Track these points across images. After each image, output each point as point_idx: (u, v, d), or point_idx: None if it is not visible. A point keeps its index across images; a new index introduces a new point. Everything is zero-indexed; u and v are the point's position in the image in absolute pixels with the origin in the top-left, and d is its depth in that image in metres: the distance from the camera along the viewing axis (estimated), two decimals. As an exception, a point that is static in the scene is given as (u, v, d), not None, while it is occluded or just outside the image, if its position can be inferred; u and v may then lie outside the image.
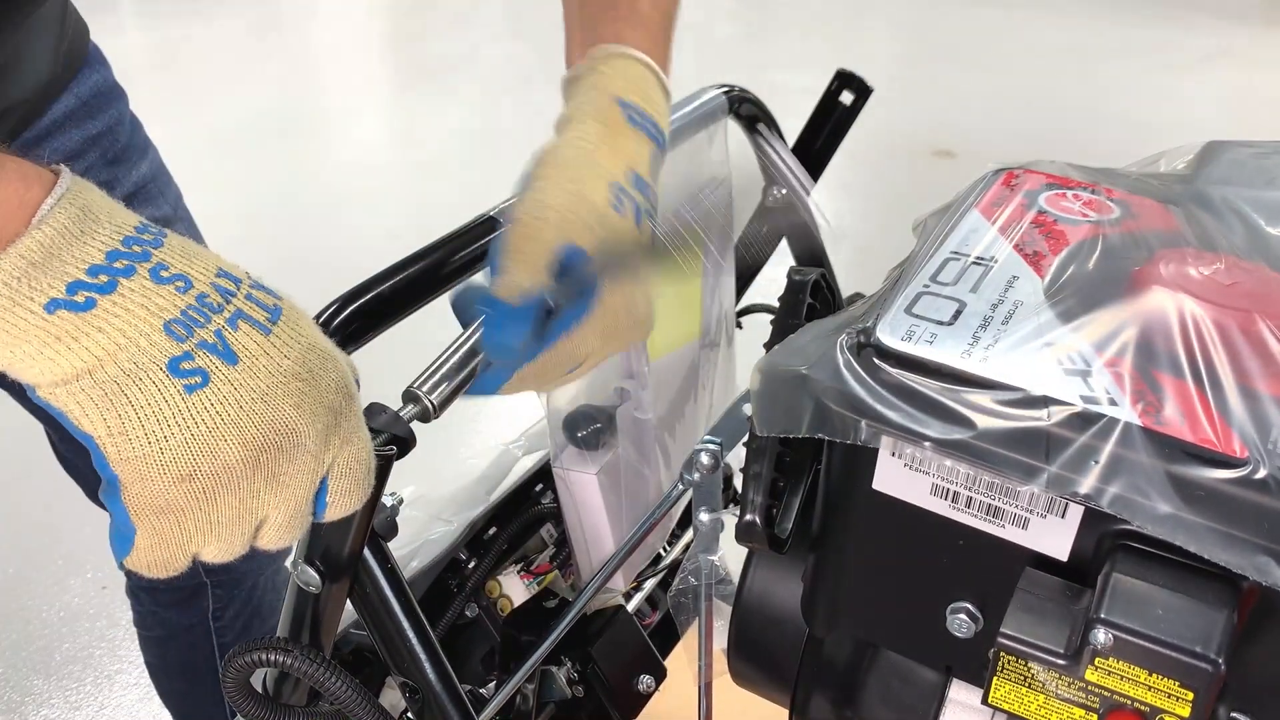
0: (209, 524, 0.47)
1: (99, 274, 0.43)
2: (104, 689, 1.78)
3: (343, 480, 0.50)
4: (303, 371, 0.47)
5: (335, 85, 4.49)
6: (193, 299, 0.45)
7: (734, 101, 0.94)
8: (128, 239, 0.45)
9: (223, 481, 0.45)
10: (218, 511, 0.47)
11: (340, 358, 0.50)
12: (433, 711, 0.66)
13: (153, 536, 0.47)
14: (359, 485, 0.51)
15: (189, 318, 0.44)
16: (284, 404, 0.46)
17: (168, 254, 0.45)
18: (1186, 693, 0.49)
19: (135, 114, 1.02)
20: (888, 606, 0.63)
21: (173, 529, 0.47)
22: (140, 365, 0.43)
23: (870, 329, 0.56)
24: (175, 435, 0.44)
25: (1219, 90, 4.36)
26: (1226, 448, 0.49)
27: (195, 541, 0.48)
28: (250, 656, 0.57)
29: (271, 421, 0.45)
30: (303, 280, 0.64)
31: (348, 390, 0.49)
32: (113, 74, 0.98)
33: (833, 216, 0.96)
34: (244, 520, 0.48)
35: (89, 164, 0.94)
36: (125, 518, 0.46)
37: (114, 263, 0.44)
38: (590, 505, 0.85)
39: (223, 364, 0.45)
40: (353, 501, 0.51)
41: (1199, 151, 0.73)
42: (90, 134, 0.94)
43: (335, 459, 0.49)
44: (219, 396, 0.44)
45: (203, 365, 0.44)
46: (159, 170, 1.04)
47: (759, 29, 5.26)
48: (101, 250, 0.44)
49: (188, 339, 0.44)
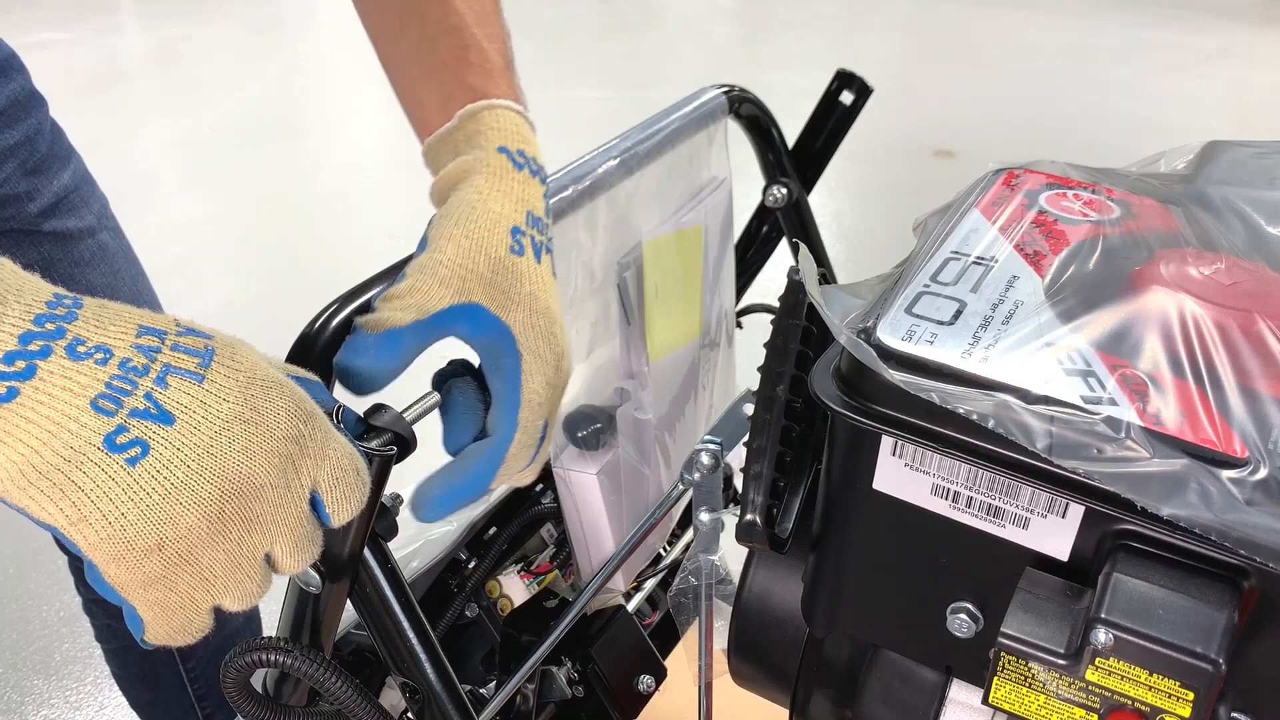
0: (204, 581, 0.47)
1: (15, 360, 0.42)
2: (104, 689, 1.78)
3: (333, 491, 0.50)
4: (246, 411, 0.46)
5: (335, 85, 4.49)
6: (115, 368, 0.44)
7: (734, 101, 0.94)
8: (39, 317, 0.43)
9: (194, 542, 0.45)
10: (206, 568, 0.46)
11: (287, 384, 0.48)
12: (433, 712, 0.66)
13: (153, 608, 0.47)
14: (352, 490, 0.51)
15: (115, 389, 0.44)
16: (231, 452, 0.45)
17: (83, 326, 0.44)
18: (1187, 693, 0.49)
19: (57, 121, 1.00)
20: (888, 606, 0.63)
21: (169, 596, 0.46)
22: (76, 449, 0.43)
23: (871, 329, 0.56)
24: (131, 510, 0.43)
25: (1219, 90, 4.36)
26: (1227, 448, 0.49)
27: (202, 599, 0.47)
28: (250, 657, 0.57)
29: (222, 473, 0.45)
30: (302, 280, 0.64)
31: (303, 411, 0.48)
32: (31, 81, 0.96)
33: (833, 216, 0.96)
34: (242, 564, 0.47)
35: (7, 175, 0.93)
36: (118, 597, 0.46)
37: (28, 345, 0.42)
38: (590, 505, 0.85)
39: (159, 427, 0.44)
40: (352, 505, 0.51)
41: (1199, 151, 0.73)
42: (7, 144, 0.93)
43: (316, 477, 0.49)
44: (163, 462, 0.44)
45: (139, 435, 0.44)
46: (82, 179, 1.02)
47: (759, 29, 5.26)
48: (14, 334, 0.42)
49: (118, 411, 0.43)
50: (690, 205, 0.90)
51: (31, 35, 4.66)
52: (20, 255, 0.95)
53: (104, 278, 1.02)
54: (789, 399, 0.65)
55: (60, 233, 0.98)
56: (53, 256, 0.98)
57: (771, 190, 1.00)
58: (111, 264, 1.03)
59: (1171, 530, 0.50)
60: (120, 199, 1.12)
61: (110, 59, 4.68)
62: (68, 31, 4.82)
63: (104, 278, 1.02)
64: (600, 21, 5.36)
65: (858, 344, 0.55)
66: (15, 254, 0.94)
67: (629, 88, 4.40)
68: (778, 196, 1.00)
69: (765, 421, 0.65)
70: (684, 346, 0.91)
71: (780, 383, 0.65)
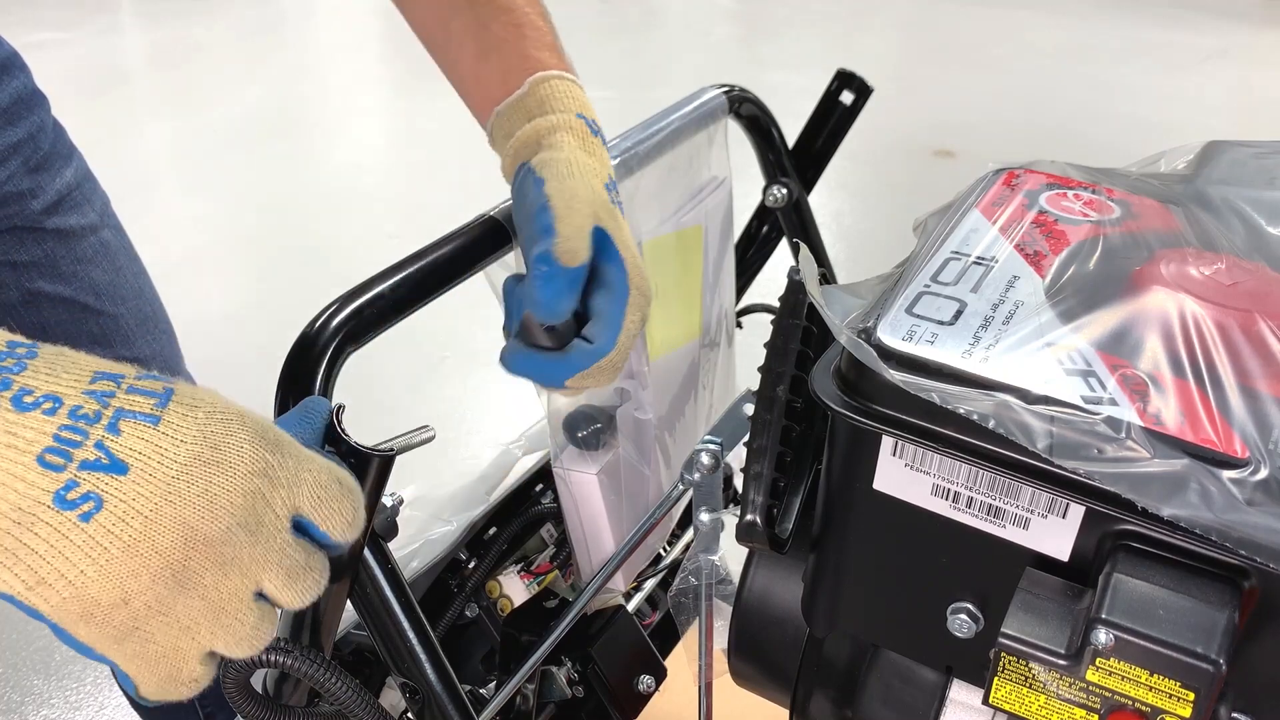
0: (185, 630, 0.45)
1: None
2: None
3: (319, 511, 0.48)
4: (205, 451, 0.44)
5: (335, 85, 4.49)
6: (65, 417, 0.42)
7: (734, 101, 0.94)
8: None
9: (162, 594, 0.43)
10: (184, 616, 0.45)
11: (249, 415, 0.47)
12: (433, 712, 0.66)
13: (134, 661, 0.45)
14: (341, 505, 0.49)
15: (64, 440, 0.42)
16: (191, 496, 0.43)
17: (32, 376, 0.42)
18: (1187, 693, 0.49)
19: (59, 120, 1.01)
20: (888, 606, 0.63)
21: (148, 648, 0.45)
22: (25, 509, 0.41)
23: (871, 329, 0.56)
24: (89, 569, 0.42)
25: (1219, 90, 4.36)
26: (1227, 448, 0.49)
27: (188, 648, 0.46)
28: (250, 657, 0.57)
29: (183, 521, 0.43)
30: (302, 280, 0.64)
31: (268, 441, 0.46)
32: (33, 80, 0.97)
33: (833, 216, 0.96)
34: (227, 608, 0.46)
35: (10, 172, 0.93)
36: (95, 654, 0.45)
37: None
38: (590, 505, 0.85)
39: (111, 478, 0.42)
40: (344, 520, 0.49)
41: (1199, 151, 0.73)
42: (10, 142, 0.93)
43: (296, 504, 0.47)
44: (118, 516, 0.42)
45: (90, 489, 0.42)
46: (85, 177, 1.03)
47: (759, 29, 5.26)
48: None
49: (67, 465, 0.41)
50: (690, 205, 0.90)
51: (32, 35, 4.66)
52: (23, 252, 0.95)
53: (106, 275, 1.03)
54: (789, 399, 0.65)
55: (63, 230, 0.98)
56: (55, 254, 0.98)
57: (771, 190, 1.00)
58: (114, 261, 1.04)
59: (1172, 530, 0.50)
60: (121, 199, 1.12)
61: (110, 59, 4.68)
62: (68, 31, 4.82)
63: (106, 275, 1.03)
64: (600, 21, 5.36)
65: (858, 344, 0.55)
66: (18, 251, 0.94)
67: (629, 88, 4.40)
68: (778, 196, 1.00)
69: (765, 421, 0.65)
70: (684, 346, 0.91)
71: (780, 383, 0.65)
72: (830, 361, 0.60)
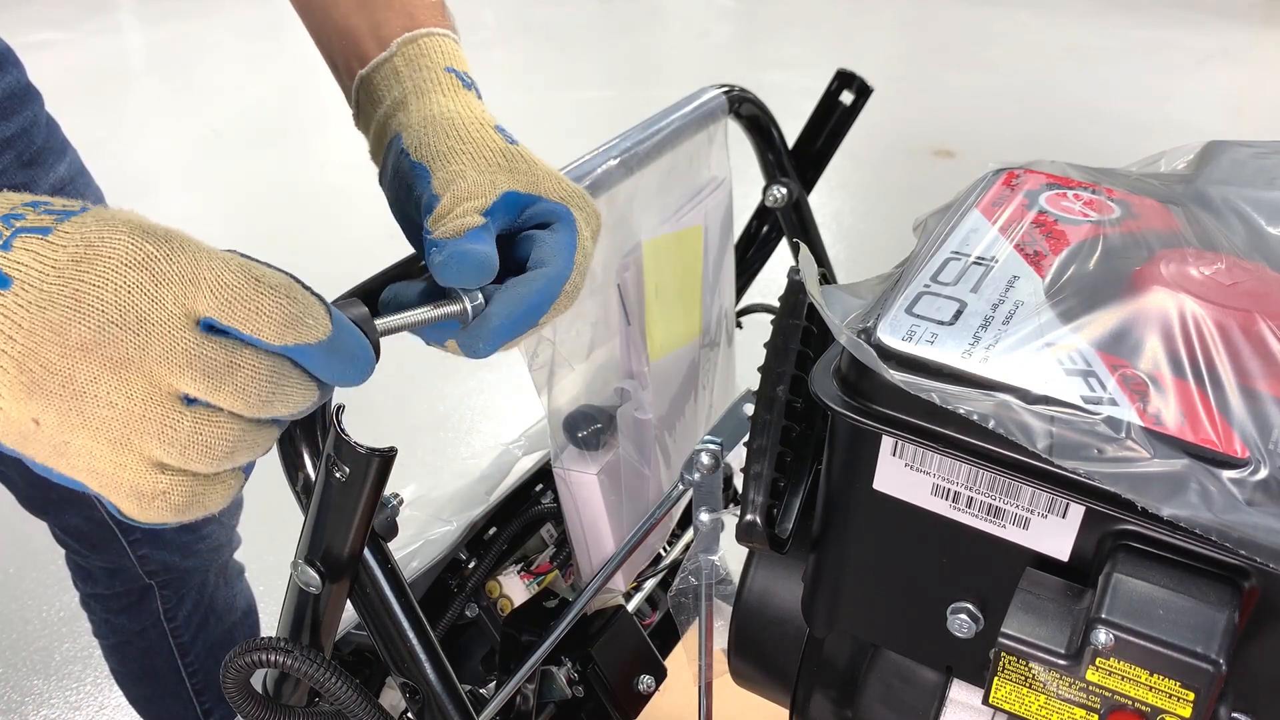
0: (115, 442, 0.44)
1: None
2: (104, 689, 1.78)
3: (229, 308, 0.44)
4: (80, 250, 0.43)
5: (335, 85, 4.48)
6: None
7: (734, 101, 0.94)
8: None
9: (67, 407, 0.43)
10: (106, 425, 0.43)
11: (135, 217, 0.45)
12: (433, 712, 0.66)
13: (91, 477, 0.44)
14: (258, 301, 0.45)
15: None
16: (61, 300, 0.42)
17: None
18: (1187, 693, 0.49)
19: (53, 116, 1.02)
20: (888, 606, 0.63)
21: (92, 463, 0.44)
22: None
23: (871, 329, 0.56)
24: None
25: (1219, 90, 4.36)
26: (1227, 448, 0.49)
27: (130, 460, 0.44)
28: (250, 657, 0.57)
29: (55, 326, 0.42)
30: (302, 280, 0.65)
31: (155, 234, 0.44)
32: (26, 75, 0.97)
33: (833, 216, 0.96)
34: (147, 412, 0.44)
35: (4, 167, 0.93)
36: (58, 476, 0.45)
37: None
38: (590, 505, 0.85)
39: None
40: (266, 317, 0.45)
41: (1199, 151, 0.73)
42: (3, 137, 0.93)
43: (194, 299, 0.44)
44: (6, 332, 0.42)
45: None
46: (78, 172, 1.03)
47: (759, 29, 5.26)
48: None
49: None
50: (690, 205, 0.90)
51: (32, 35, 4.66)
52: None
53: None
54: (789, 399, 0.65)
55: None
56: None
57: (771, 190, 1.00)
58: None
59: (1172, 530, 0.50)
60: (120, 199, 1.11)
61: (110, 59, 4.68)
62: (68, 31, 4.82)
63: None
64: (600, 21, 5.36)
65: (858, 344, 0.55)
66: None
67: (629, 88, 4.40)
68: (778, 196, 1.00)
69: (765, 421, 0.65)
70: (684, 346, 0.91)
71: (780, 383, 0.65)
72: (830, 361, 0.60)
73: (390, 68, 0.67)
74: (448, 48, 0.67)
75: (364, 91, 0.68)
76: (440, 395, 2.46)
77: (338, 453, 0.54)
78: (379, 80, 0.67)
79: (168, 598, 1.25)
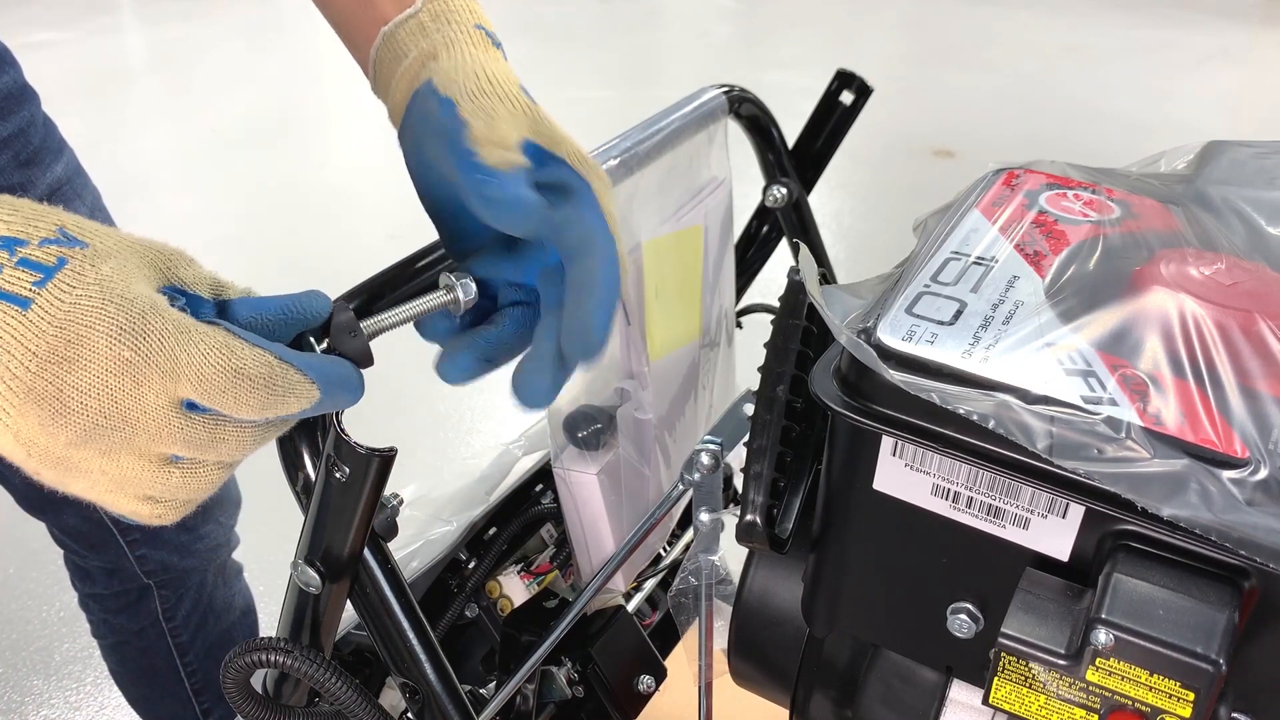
0: (110, 489, 0.47)
1: None
2: (104, 689, 1.78)
3: (210, 396, 0.45)
4: (60, 347, 0.43)
5: (335, 85, 4.49)
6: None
7: (734, 101, 0.94)
8: None
9: (62, 476, 0.46)
10: (102, 482, 0.46)
11: (126, 299, 0.44)
12: (433, 712, 0.66)
13: (93, 495, 0.47)
14: (234, 390, 0.45)
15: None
16: (47, 399, 0.43)
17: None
18: (1187, 693, 0.49)
19: (50, 116, 1.02)
20: (888, 606, 0.63)
21: (93, 492, 0.47)
22: None
23: (871, 329, 0.56)
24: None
25: (1219, 90, 4.36)
26: (1227, 448, 0.49)
27: (124, 500, 0.47)
28: (250, 657, 0.57)
29: (45, 423, 0.43)
30: (302, 280, 0.65)
31: (133, 330, 0.44)
32: (23, 75, 0.97)
33: (833, 216, 0.96)
34: (138, 477, 0.46)
35: (1, 166, 0.93)
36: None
37: None
38: (590, 505, 0.85)
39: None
40: (242, 403, 0.46)
41: (1199, 151, 0.73)
42: (1, 136, 0.93)
43: (178, 389, 0.45)
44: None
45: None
46: (75, 171, 1.03)
47: (759, 29, 5.26)
48: None
49: None
50: (690, 205, 0.90)
51: (31, 35, 4.66)
52: None
53: None
54: (789, 399, 0.65)
55: None
56: None
57: (771, 190, 1.00)
58: None
59: (1172, 530, 0.50)
60: (120, 199, 1.12)
61: (110, 59, 4.68)
62: (68, 31, 4.82)
63: None
64: (600, 21, 5.36)
65: (858, 344, 0.55)
66: None
67: (629, 88, 4.40)
68: (778, 196, 1.00)
69: (765, 421, 0.65)
70: (684, 346, 0.91)
71: (780, 383, 0.65)
72: (830, 361, 0.60)
73: (416, 23, 0.66)
74: (473, 5, 0.67)
75: (386, 48, 0.67)
76: (440, 395, 2.46)
77: (338, 453, 0.54)
78: (403, 35, 0.66)
79: (166, 597, 1.25)
